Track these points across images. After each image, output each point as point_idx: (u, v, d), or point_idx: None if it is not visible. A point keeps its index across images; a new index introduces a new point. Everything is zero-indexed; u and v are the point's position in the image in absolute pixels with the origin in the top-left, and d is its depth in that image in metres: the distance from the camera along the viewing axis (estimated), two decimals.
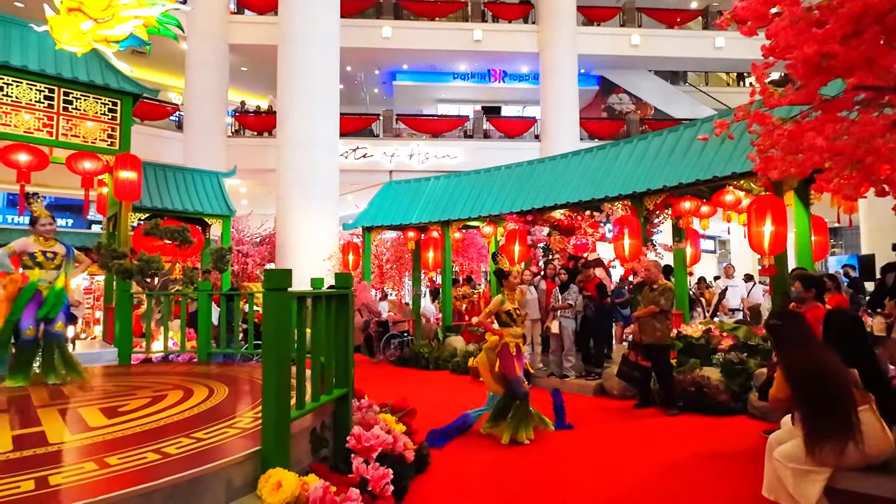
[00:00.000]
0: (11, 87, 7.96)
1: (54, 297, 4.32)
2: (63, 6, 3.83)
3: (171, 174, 10.35)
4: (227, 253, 9.37)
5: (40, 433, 2.86)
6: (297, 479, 2.40)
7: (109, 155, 8.67)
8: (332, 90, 13.33)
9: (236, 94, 18.90)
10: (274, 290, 2.59)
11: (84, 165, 8.67)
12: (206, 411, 3.33)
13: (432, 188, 9.95)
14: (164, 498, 2.11)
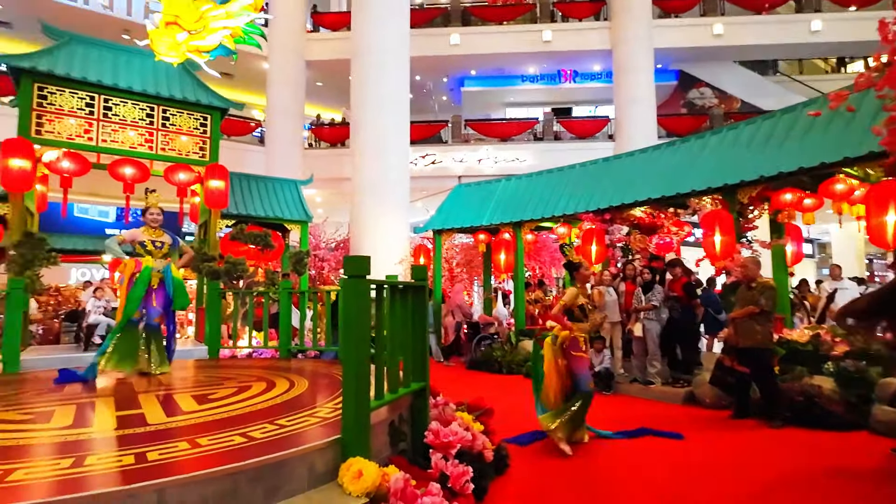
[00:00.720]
0: (119, 107, 8.79)
1: (180, 287, 4.63)
2: (161, 21, 4.13)
3: (255, 183, 10.97)
4: (305, 256, 9.75)
5: (140, 415, 3.02)
6: (377, 469, 2.34)
7: (201, 166, 9.33)
8: (402, 99, 13.59)
9: (312, 109, 19.82)
10: (353, 276, 2.57)
11: (179, 177, 9.36)
12: (287, 401, 3.39)
13: (503, 189, 9.80)
14: (250, 479, 2.12)
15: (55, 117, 8.30)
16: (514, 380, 7.64)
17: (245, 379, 4.29)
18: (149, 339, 4.72)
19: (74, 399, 3.54)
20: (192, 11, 4.22)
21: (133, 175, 9.14)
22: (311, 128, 18.81)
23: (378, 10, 13.26)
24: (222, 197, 9.31)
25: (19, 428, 2.80)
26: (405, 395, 3.13)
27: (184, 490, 1.95)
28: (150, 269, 4.57)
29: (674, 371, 6.28)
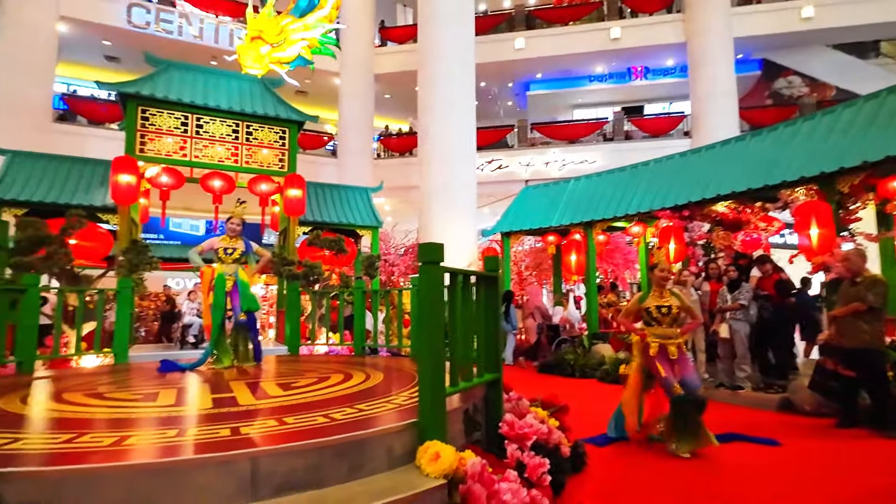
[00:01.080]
0: (209, 124, 9.55)
1: (245, 289, 4.95)
2: (247, 36, 4.45)
3: (328, 191, 11.47)
4: (377, 260, 10.05)
5: (232, 398, 3.23)
6: (454, 452, 2.34)
7: (280, 176, 9.92)
8: (468, 106, 13.73)
9: (381, 120, 20.50)
10: (427, 263, 2.61)
11: (261, 187, 9.99)
12: (364, 390, 3.49)
13: (572, 190, 9.60)
14: (334, 455, 2.20)
15: (155, 136, 9.16)
16: (588, 384, 7.40)
17: (324, 371, 4.46)
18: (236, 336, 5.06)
19: (175, 384, 3.86)
20: (274, 26, 4.52)
21: (221, 187, 9.87)
22: (379, 139, 19.45)
23: (443, 19, 13.52)
24: (300, 205, 9.82)
25: (130, 405, 3.09)
26: (478, 385, 3.12)
27: (275, 460, 2.06)
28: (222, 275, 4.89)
29: (766, 376, 5.81)
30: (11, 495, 1.77)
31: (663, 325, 4.11)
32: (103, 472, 1.85)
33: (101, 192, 9.55)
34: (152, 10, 16.02)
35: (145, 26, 15.78)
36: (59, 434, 2.35)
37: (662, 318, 4.11)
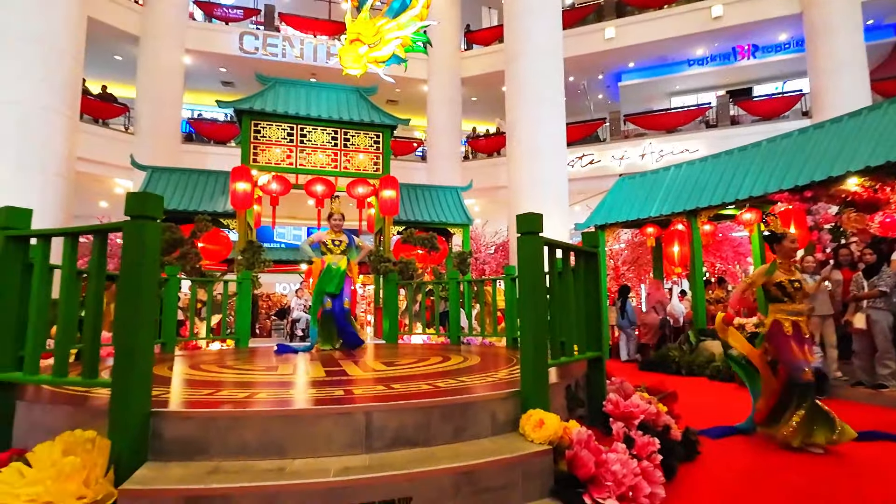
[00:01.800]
0: (311, 133, 10.29)
1: (339, 276, 5.26)
2: (347, 39, 4.76)
3: (420, 191, 11.82)
4: (468, 257, 10.17)
5: (342, 370, 3.45)
6: (559, 420, 2.32)
7: (375, 179, 10.43)
8: (557, 101, 13.46)
9: (468, 123, 20.74)
10: (526, 233, 2.61)
11: (358, 190, 10.56)
12: (463, 368, 3.55)
13: (673, 177, 9.03)
14: (440, 415, 2.27)
15: (266, 147, 10.05)
16: (697, 381, 6.90)
17: (423, 354, 4.61)
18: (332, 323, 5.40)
19: (290, 361, 4.19)
20: (370, 27, 4.78)
21: (323, 191, 10.58)
22: (467, 141, 19.69)
23: (530, 15, 13.41)
24: (394, 205, 10.24)
25: (255, 373, 3.41)
26: (580, 360, 3.05)
27: (386, 416, 2.17)
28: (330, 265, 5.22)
29: None
30: (168, 431, 2.04)
31: (796, 301, 3.74)
32: (241, 416, 2.08)
33: (221, 199, 10.64)
34: (260, 36, 17.60)
35: (254, 51, 17.37)
36: (201, 390, 2.66)
37: (795, 293, 3.73)
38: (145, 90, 15.83)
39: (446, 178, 16.47)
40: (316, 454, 2.06)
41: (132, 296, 1.97)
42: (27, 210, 2.39)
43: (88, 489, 1.79)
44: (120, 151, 14.37)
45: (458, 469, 1.97)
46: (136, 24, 15.84)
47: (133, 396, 1.95)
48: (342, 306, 5.28)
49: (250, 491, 1.76)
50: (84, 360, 2.15)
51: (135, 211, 2.02)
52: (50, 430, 2.10)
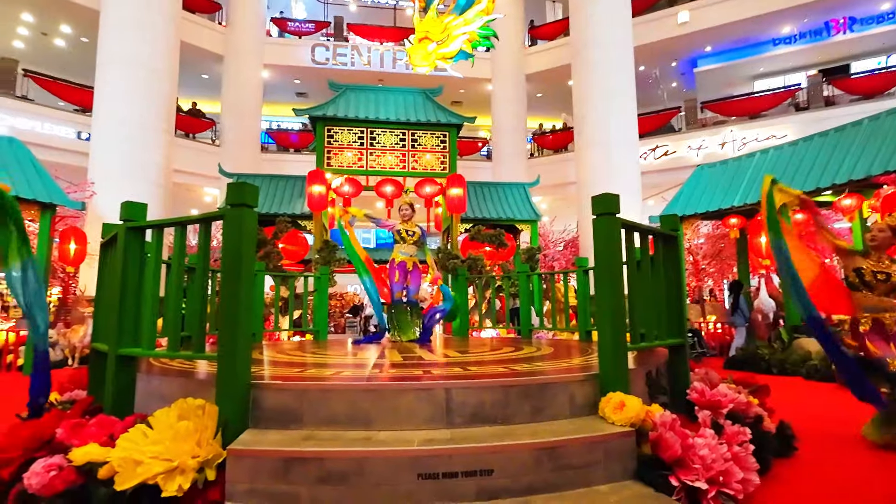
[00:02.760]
0: (380, 136, 10.63)
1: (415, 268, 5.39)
2: (415, 38, 4.89)
3: (487, 189, 11.84)
4: (537, 252, 10.06)
5: (418, 356, 3.55)
6: (641, 403, 2.26)
7: (442, 178, 10.59)
8: (627, 91, 13.02)
9: (533, 120, 20.50)
10: (603, 214, 2.57)
11: (426, 190, 10.76)
12: (538, 355, 3.54)
13: (759, 164, 8.43)
14: (519, 394, 2.29)
15: (338, 151, 10.51)
16: (791, 381, 6.39)
17: (495, 345, 4.63)
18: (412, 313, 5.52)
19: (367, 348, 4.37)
20: (438, 24, 4.89)
21: (392, 192, 10.88)
22: (533, 138, 19.48)
23: (597, 4, 13.07)
24: (461, 203, 10.33)
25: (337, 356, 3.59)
26: (661, 346, 2.95)
27: (466, 392, 2.22)
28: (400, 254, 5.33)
29: None
30: (266, 401, 2.21)
31: (875, 292, 3.37)
32: (330, 389, 2.21)
33: (299, 202, 11.23)
34: (330, 47, 18.43)
35: (325, 62, 18.20)
36: (291, 369, 2.85)
37: (877, 284, 3.36)
38: (229, 104, 17.07)
39: (512, 176, 16.37)
40: (399, 427, 2.15)
41: (234, 277, 2.16)
42: (143, 204, 2.68)
43: (201, 449, 1.99)
44: (208, 162, 15.58)
45: (539, 445, 1.98)
46: (221, 44, 17.11)
47: (236, 368, 2.14)
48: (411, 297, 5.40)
49: (342, 455, 1.88)
50: (193, 337, 2.38)
51: (234, 200, 2.21)
52: (165, 397, 2.34)
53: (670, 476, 2.00)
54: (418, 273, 5.36)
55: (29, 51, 16.48)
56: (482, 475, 1.90)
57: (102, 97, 11.24)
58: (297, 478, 1.87)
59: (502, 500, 1.89)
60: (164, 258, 3.08)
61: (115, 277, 2.60)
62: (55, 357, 8.33)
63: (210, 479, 1.94)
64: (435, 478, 1.87)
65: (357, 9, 21.07)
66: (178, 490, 1.85)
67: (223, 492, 1.90)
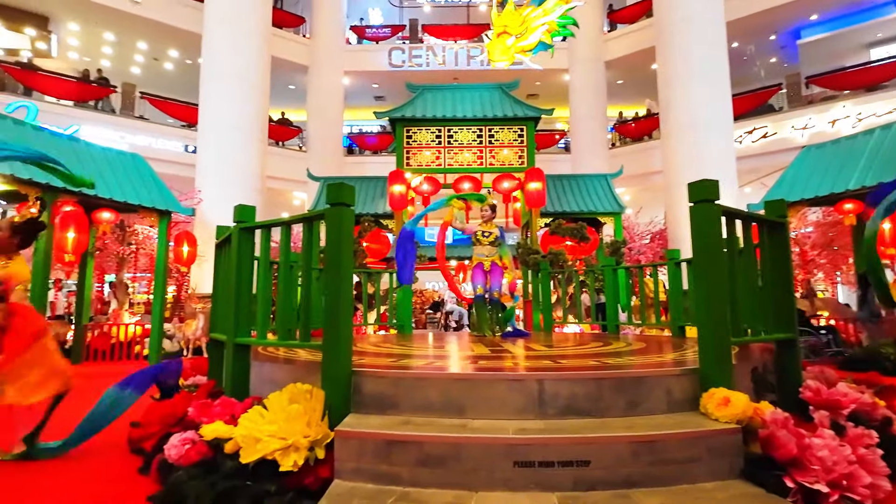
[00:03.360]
0: (457, 133, 10.75)
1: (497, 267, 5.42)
2: (494, 33, 4.91)
3: (567, 182, 11.58)
4: (622, 246, 9.69)
5: (504, 349, 3.58)
6: (748, 400, 2.14)
7: (520, 172, 10.50)
8: (719, 70, 12.14)
9: (613, 109, 19.69)
10: (701, 202, 2.45)
11: (504, 185, 10.73)
12: (629, 350, 3.44)
13: (879, 141, 7.52)
14: (612, 387, 2.25)
15: (417, 150, 10.77)
16: None
17: (581, 340, 4.55)
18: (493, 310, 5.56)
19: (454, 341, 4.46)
20: (516, 18, 4.87)
21: (470, 188, 10.97)
22: (614, 128, 18.73)
23: None
24: (540, 196, 10.20)
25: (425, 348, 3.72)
26: (767, 341, 2.76)
27: (558, 384, 2.22)
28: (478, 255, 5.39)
29: None
30: (366, 388, 2.35)
31: None
32: (425, 377, 2.31)
33: (381, 202, 11.66)
34: (406, 49, 18.88)
35: (401, 64, 18.69)
36: (385, 359, 2.99)
37: None
38: (313, 112, 18.06)
39: (592, 167, 15.86)
40: (492, 416, 2.20)
41: (335, 271, 2.32)
42: (252, 207, 2.94)
43: (310, 429, 2.16)
44: (296, 168, 16.60)
45: (637, 438, 1.94)
46: (306, 56, 18.13)
47: (339, 357, 2.29)
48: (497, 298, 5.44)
49: (440, 440, 1.96)
50: (300, 328, 2.58)
51: (334, 199, 2.37)
52: (276, 382, 2.56)
53: (784, 477, 1.87)
54: (498, 271, 5.38)
55: (143, 75, 18.46)
56: (578, 465, 1.90)
57: (206, 112, 12.35)
58: (399, 459, 1.97)
59: (600, 491, 1.88)
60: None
61: (230, 273, 2.88)
62: (173, 348, 9.33)
63: (319, 458, 2.10)
64: (531, 466, 1.90)
65: (431, 10, 21.40)
66: (293, 465, 2.03)
67: (332, 469, 2.05)
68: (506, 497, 1.85)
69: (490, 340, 4.51)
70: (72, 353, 8.19)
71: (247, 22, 12.76)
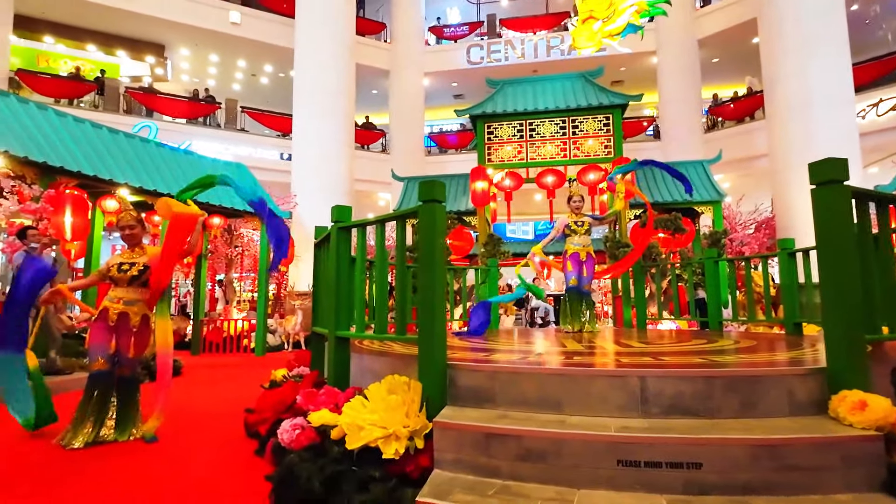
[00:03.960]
0: (539, 126, 10.55)
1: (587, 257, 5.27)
2: (579, 20, 4.74)
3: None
4: (722, 237, 9.01)
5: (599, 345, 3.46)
6: (890, 404, 1.89)
7: (607, 163, 10.09)
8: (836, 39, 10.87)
9: (707, 90, 18.28)
10: (825, 183, 2.20)
11: (589, 177, 10.36)
12: (738, 348, 3.18)
13: None
14: (724, 386, 2.10)
15: (498, 146, 10.72)
16: None
17: (683, 337, 4.28)
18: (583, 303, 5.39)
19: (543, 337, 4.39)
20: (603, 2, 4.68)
21: (553, 182, 10.73)
22: (709, 110, 17.42)
23: None
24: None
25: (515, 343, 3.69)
26: None
27: (661, 382, 2.11)
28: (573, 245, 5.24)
29: None
30: (461, 381, 2.38)
31: None
32: (521, 372, 2.29)
33: (463, 199, 11.75)
34: (484, 45, 18.84)
35: (480, 61, 18.67)
36: (477, 353, 3.01)
37: None
38: (395, 114, 18.60)
39: (684, 154, 14.85)
40: (591, 412, 2.13)
41: (429, 266, 2.37)
42: (348, 207, 3.09)
43: (409, 420, 2.22)
44: (380, 169, 17.20)
45: (756, 442, 1.79)
46: (387, 60, 18.70)
47: (434, 350, 2.34)
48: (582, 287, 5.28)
49: (539, 435, 1.93)
50: (396, 322, 2.68)
51: (426, 196, 2.42)
52: (374, 373, 2.67)
53: None
54: (592, 262, 5.23)
55: (243, 90, 20.05)
56: (689, 468, 1.79)
57: (298, 121, 13.17)
58: (498, 452, 1.98)
59: (714, 496, 1.76)
60: None
61: (330, 270, 3.05)
62: (275, 342, 10.07)
63: (419, 447, 2.16)
64: (636, 465, 1.82)
65: (508, 4, 21.17)
66: (394, 454, 2.10)
67: (432, 459, 2.10)
68: (610, 496, 1.79)
69: (580, 336, 4.38)
70: (191, 345, 9.12)
71: (333, 34, 13.43)
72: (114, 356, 3.19)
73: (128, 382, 3.24)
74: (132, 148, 7.68)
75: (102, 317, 3.20)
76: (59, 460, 2.77)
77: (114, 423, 3.17)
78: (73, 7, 14.95)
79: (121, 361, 3.22)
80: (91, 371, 3.17)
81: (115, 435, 3.13)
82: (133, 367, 3.29)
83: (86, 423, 3.07)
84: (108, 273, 3.29)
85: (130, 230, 3.32)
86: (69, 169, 6.14)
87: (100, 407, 3.13)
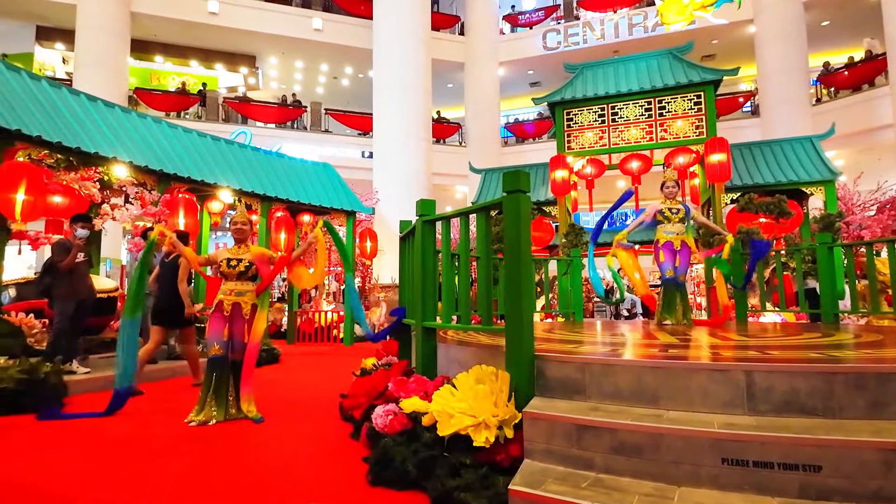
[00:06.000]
0: (623, 110, 10.07)
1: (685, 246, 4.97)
2: None
3: (757, 149, 10.08)
4: (836, 220, 8.12)
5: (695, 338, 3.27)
6: None
7: (698, 145, 9.42)
8: None
9: (816, 58, 16.43)
10: None
11: (678, 160, 9.74)
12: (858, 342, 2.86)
13: None
14: (848, 383, 1.90)
15: (578, 133, 10.37)
16: None
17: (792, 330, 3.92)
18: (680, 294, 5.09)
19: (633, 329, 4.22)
20: None
21: (639, 167, 10.23)
22: (818, 80, 15.67)
23: None
24: (725, 170, 9.02)
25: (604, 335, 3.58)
26: None
27: (771, 377, 1.95)
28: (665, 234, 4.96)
29: None
30: (550, 372, 2.35)
31: None
32: (614, 364, 2.22)
33: (542, 189, 11.53)
34: (560, 30, 18.26)
35: (556, 46, 18.14)
36: (566, 344, 2.96)
37: None
38: (471, 106, 18.60)
39: (789, 130, 13.47)
40: (691, 408, 2.03)
41: (516, 257, 2.36)
42: (432, 200, 3.15)
43: (498, 409, 2.24)
44: (457, 162, 17.31)
45: (890, 445, 1.61)
46: (461, 53, 18.73)
47: (522, 340, 2.33)
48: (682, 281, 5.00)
49: (636, 429, 1.87)
50: (481, 312, 2.70)
51: (510, 187, 2.40)
52: (461, 363, 2.71)
53: None
54: (687, 252, 4.95)
55: (325, 93, 21.03)
56: (806, 470, 1.65)
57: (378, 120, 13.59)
58: (590, 445, 1.94)
59: (837, 503, 1.60)
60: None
61: (416, 263, 3.13)
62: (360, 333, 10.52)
63: (508, 437, 2.18)
64: (744, 465, 1.70)
65: None
66: (485, 442, 2.13)
67: (522, 449, 2.10)
68: (714, 495, 1.69)
69: (674, 330, 4.16)
70: (286, 334, 9.78)
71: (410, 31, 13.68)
72: (227, 342, 3.53)
73: (241, 366, 3.57)
74: (231, 153, 8.35)
75: (218, 308, 3.54)
76: (188, 437, 3.11)
77: (234, 402, 3.52)
78: (180, 27, 16.46)
79: (234, 347, 3.55)
80: (209, 356, 3.52)
81: (234, 413, 3.49)
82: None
83: (208, 403, 3.44)
84: (217, 266, 3.63)
85: (242, 226, 3.65)
86: (181, 175, 6.81)
87: (217, 388, 3.47)
